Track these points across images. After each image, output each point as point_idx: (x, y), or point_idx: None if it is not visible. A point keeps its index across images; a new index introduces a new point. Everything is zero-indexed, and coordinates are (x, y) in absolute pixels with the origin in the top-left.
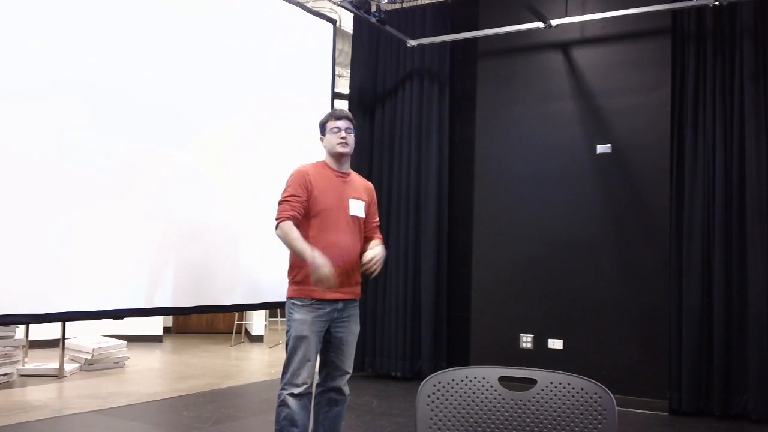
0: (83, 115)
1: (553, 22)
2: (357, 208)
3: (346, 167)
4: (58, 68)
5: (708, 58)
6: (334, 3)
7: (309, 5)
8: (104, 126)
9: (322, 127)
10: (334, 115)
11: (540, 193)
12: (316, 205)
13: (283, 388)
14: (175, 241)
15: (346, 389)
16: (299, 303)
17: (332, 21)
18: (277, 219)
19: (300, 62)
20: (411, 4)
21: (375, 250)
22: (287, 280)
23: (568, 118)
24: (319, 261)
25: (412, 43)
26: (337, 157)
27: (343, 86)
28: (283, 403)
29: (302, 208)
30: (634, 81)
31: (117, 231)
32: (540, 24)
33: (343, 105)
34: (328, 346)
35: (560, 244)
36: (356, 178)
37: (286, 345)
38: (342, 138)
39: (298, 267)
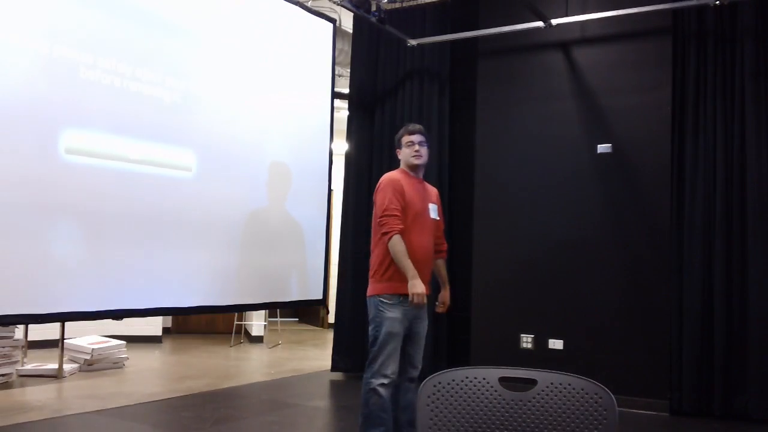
0: (83, 115)
1: (554, 22)
2: (434, 212)
3: (421, 175)
4: (58, 68)
5: (709, 57)
6: (334, 2)
7: (309, 5)
8: (105, 126)
9: (398, 141)
10: (408, 130)
11: (540, 193)
12: (409, 210)
13: (372, 377)
14: (174, 241)
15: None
16: (389, 301)
17: (332, 20)
18: (388, 232)
19: (300, 62)
20: (411, 3)
21: (446, 296)
22: (371, 279)
23: (569, 118)
24: (419, 288)
25: (412, 42)
26: (414, 168)
27: (343, 86)
28: (373, 392)
29: (405, 217)
30: (634, 81)
31: (116, 231)
32: (540, 23)
33: (343, 105)
34: (407, 340)
35: (560, 244)
36: (428, 185)
37: (375, 339)
38: (416, 151)
39: (386, 265)
